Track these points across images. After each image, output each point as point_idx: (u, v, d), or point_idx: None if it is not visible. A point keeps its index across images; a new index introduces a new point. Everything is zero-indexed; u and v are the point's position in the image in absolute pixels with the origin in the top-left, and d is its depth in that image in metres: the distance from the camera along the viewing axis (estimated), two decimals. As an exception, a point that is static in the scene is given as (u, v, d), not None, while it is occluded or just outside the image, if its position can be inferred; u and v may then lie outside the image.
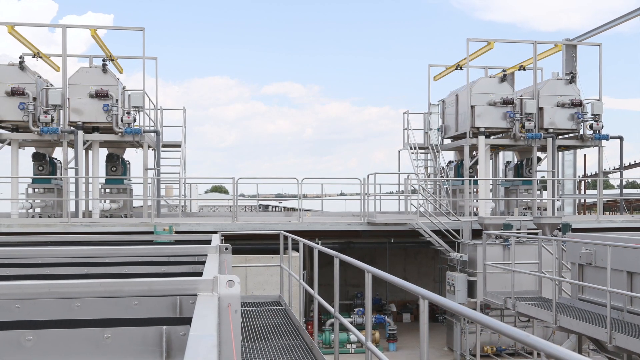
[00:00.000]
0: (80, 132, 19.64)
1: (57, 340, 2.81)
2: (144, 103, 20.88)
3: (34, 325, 2.84)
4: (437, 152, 24.64)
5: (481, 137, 21.52)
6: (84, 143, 19.93)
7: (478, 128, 21.59)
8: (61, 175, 20.62)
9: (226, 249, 5.44)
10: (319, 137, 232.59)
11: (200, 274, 3.88)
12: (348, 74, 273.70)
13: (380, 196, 21.77)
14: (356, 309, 20.84)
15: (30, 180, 20.78)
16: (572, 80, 22.58)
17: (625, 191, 25.14)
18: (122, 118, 19.98)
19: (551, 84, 22.33)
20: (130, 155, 28.45)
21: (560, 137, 22.55)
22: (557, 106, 21.96)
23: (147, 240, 8.41)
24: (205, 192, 61.38)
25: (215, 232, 8.26)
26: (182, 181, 23.78)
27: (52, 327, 2.84)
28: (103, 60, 20.72)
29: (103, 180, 21.53)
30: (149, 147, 21.34)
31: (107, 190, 21.76)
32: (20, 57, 19.84)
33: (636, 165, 26.87)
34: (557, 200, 22.98)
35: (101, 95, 19.68)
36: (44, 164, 21.07)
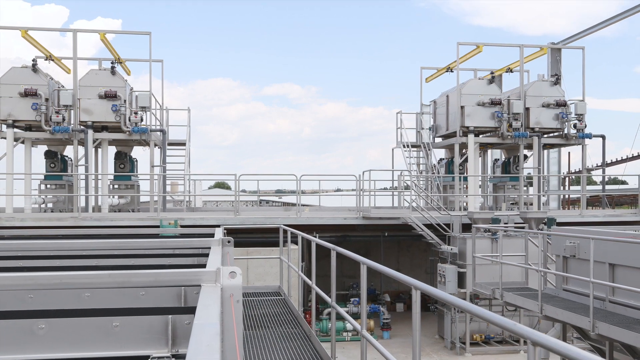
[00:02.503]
0: (90, 131, 19.61)
1: (68, 328, 2.81)
2: (151, 103, 20.85)
3: (46, 314, 2.84)
4: (429, 150, 24.64)
5: (470, 136, 21.52)
6: (94, 141, 19.91)
7: (468, 127, 21.59)
8: (72, 172, 20.59)
9: (228, 242, 5.44)
10: (317, 136, 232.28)
11: (204, 266, 3.89)
12: (344, 76, 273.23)
13: (375, 192, 21.78)
14: (352, 299, 20.85)
15: (42, 177, 20.75)
16: (557, 81, 22.58)
17: (607, 187, 25.15)
18: (129, 118, 19.95)
19: (537, 85, 22.33)
20: (138, 153, 28.54)
21: (545, 135, 22.56)
22: (543, 106, 21.96)
23: (153, 233, 8.41)
24: (209, 188, 61.42)
25: (218, 226, 8.25)
26: (186, 178, 23.75)
27: (63, 316, 2.84)
28: (112, 63, 20.69)
29: (112, 177, 21.50)
30: (156, 145, 21.31)
31: (116, 186, 21.73)
32: (33, 60, 19.80)
33: (618, 162, 26.94)
34: (543, 195, 22.99)
35: (110, 96, 19.65)
36: (56, 162, 21.03)
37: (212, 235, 6.46)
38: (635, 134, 25.34)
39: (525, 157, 22.84)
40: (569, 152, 28.03)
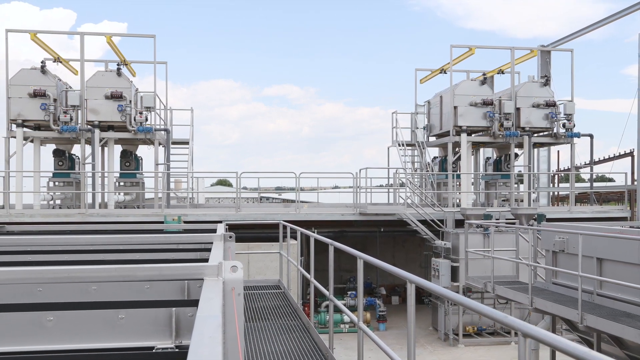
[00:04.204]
0: (97, 131, 19.60)
1: (76, 320, 2.81)
2: (155, 104, 20.83)
3: (55, 307, 2.84)
4: (423, 148, 24.63)
5: (463, 135, 21.52)
6: (100, 140, 19.89)
7: (460, 127, 21.58)
8: (79, 169, 20.58)
9: (230, 237, 5.43)
10: (315, 135, 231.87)
11: (206, 260, 3.88)
12: (342, 77, 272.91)
13: (371, 189, 21.76)
14: (349, 292, 20.87)
15: (51, 175, 20.74)
16: (547, 83, 22.58)
17: (595, 184, 25.13)
18: (135, 117, 19.94)
19: (527, 86, 22.33)
20: (143, 151, 28.48)
21: (535, 135, 22.56)
22: (533, 107, 21.96)
23: (157, 229, 8.39)
24: (211, 185, 61.23)
25: (220, 222, 8.25)
26: (189, 175, 23.75)
27: (71, 309, 2.83)
28: (117, 65, 20.68)
29: (117, 175, 21.49)
30: (160, 144, 21.30)
31: (121, 183, 21.73)
32: (41, 62, 19.78)
33: (605, 160, 26.90)
34: (533, 192, 23.00)
35: (116, 96, 19.64)
36: (64, 160, 21.01)
37: (214, 231, 6.46)
38: (622, 133, 25.39)
39: (516, 155, 22.84)
40: (558, 151, 28.06)
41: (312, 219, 19.02)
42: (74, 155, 21.56)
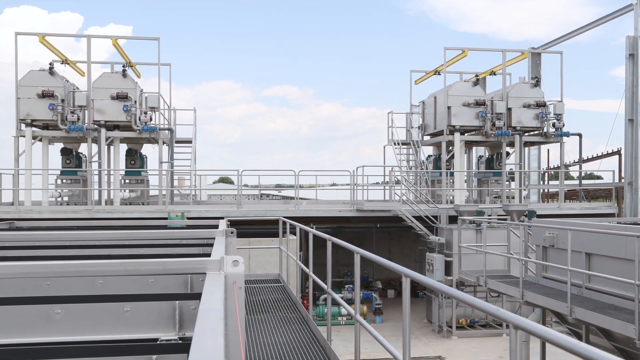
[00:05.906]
0: (103, 130, 19.58)
1: (83, 313, 2.81)
2: (159, 104, 20.82)
3: (62, 300, 2.84)
4: (418, 147, 24.62)
5: (457, 134, 21.52)
6: (106, 139, 19.88)
7: (454, 126, 21.59)
8: (86, 167, 20.57)
9: (232, 232, 5.43)
10: (314, 134, 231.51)
11: (208, 255, 3.88)
12: (340, 78, 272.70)
13: (368, 186, 21.76)
14: (346, 286, 20.88)
15: (59, 172, 20.71)
16: (537, 84, 22.59)
17: (583, 182, 25.15)
18: (140, 117, 19.92)
19: (518, 87, 22.33)
20: (147, 150, 28.35)
21: (526, 134, 22.57)
22: (524, 107, 21.96)
23: (161, 225, 8.40)
24: (213, 183, 61.22)
25: (222, 218, 8.25)
26: (192, 173, 23.72)
27: (78, 302, 2.83)
28: (123, 67, 20.65)
29: (123, 172, 21.46)
30: (164, 143, 21.29)
31: (127, 181, 21.70)
32: (50, 64, 19.77)
33: (593, 159, 26.90)
34: (524, 189, 23.01)
35: (121, 97, 19.62)
36: (71, 158, 20.99)
37: (216, 227, 6.46)
38: (610, 133, 25.38)
39: (508, 154, 22.85)
40: (548, 150, 28.06)
41: (311, 215, 19.02)
42: (81, 153, 21.53)
